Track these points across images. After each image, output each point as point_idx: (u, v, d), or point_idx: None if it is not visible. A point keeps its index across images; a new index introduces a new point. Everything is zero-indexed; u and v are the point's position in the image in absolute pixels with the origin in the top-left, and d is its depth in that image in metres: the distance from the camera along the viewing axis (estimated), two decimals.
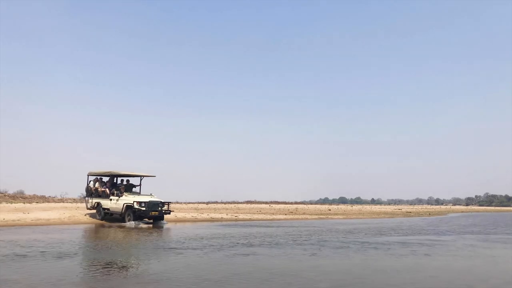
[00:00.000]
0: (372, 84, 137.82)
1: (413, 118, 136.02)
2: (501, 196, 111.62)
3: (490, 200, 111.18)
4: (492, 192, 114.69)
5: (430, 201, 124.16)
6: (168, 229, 15.21)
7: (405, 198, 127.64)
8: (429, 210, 52.44)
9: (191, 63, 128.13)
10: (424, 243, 10.89)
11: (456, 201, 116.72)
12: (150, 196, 17.80)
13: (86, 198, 19.59)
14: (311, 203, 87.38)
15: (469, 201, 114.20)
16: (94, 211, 18.63)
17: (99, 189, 18.79)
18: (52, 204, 35.90)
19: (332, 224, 19.51)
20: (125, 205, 16.95)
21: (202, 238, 11.20)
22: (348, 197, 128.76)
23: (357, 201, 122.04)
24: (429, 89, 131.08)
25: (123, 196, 17.42)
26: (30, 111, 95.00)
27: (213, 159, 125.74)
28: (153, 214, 17.02)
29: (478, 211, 55.96)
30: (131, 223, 16.27)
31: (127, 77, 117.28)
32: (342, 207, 58.68)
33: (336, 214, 33.05)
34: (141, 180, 19.02)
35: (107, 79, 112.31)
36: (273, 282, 5.67)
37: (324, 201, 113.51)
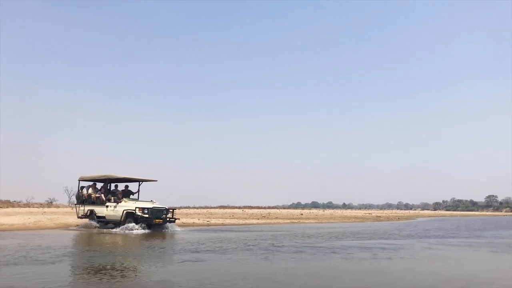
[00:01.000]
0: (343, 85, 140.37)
1: (385, 124, 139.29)
2: (466, 201, 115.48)
3: (456, 205, 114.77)
4: (458, 197, 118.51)
5: (399, 206, 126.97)
6: (143, 234, 14.72)
7: (375, 203, 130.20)
8: (398, 214, 53.55)
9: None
10: (387, 247, 11.01)
11: (424, 206, 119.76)
12: (152, 203, 16.37)
13: (77, 205, 17.84)
14: (284, 207, 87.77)
15: (436, 206, 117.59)
16: (86, 220, 17.05)
17: (92, 195, 17.25)
18: (17, 209, 34.74)
19: (303, 229, 19.55)
20: (125, 212, 15.56)
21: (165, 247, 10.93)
22: (320, 201, 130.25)
23: (329, 205, 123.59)
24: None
25: (122, 202, 16.13)
26: None
27: (187, 165, 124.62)
28: (157, 222, 15.63)
29: (444, 216, 57.60)
30: (133, 226, 14.97)
31: None
32: (314, 211, 59.20)
33: (308, 218, 33.22)
34: (139, 185, 17.73)
35: None
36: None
37: (297, 206, 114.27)
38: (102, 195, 16.87)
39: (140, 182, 17.57)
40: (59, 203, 51.64)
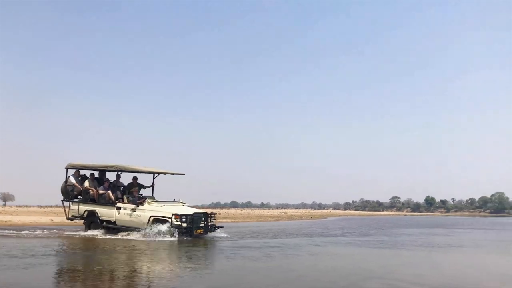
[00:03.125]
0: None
1: (297, 126, 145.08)
2: (373, 201, 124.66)
3: (364, 205, 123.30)
4: (366, 198, 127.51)
5: (313, 206, 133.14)
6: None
7: (291, 203, 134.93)
8: (311, 213, 56.02)
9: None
10: (282, 246, 11.36)
11: (336, 206, 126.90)
12: (179, 204, 12.82)
13: (64, 202, 13.58)
14: (203, 207, 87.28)
15: (346, 206, 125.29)
16: (79, 222, 13.33)
17: (90, 190, 13.01)
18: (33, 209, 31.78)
19: None
20: (152, 218, 11.76)
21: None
22: (240, 201, 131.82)
23: (248, 205, 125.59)
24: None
25: (146, 204, 12.15)
26: None
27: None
28: (198, 232, 11.99)
29: (353, 215, 61.33)
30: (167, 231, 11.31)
31: None
32: (232, 211, 59.70)
33: (225, 217, 33.29)
34: (154, 178, 13.66)
35: None
36: None
37: (216, 205, 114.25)
38: (110, 192, 12.77)
39: (155, 175, 13.52)
40: None
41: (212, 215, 12.88)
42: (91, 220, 12.79)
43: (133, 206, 12.18)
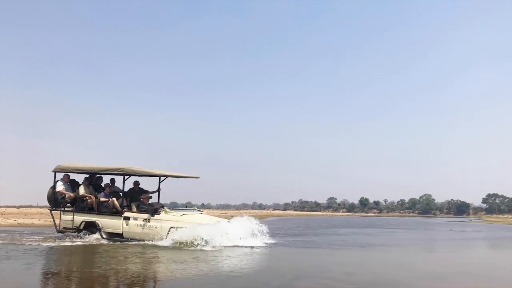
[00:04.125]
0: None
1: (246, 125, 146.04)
2: (311, 202, 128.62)
3: (303, 205, 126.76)
4: (305, 199, 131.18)
5: (254, 206, 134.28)
6: None
7: (232, 203, 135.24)
8: (252, 214, 56.57)
9: None
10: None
11: (276, 206, 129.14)
12: (197, 212, 11.94)
13: (53, 211, 11.91)
14: None
15: (286, 206, 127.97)
16: (71, 234, 11.42)
17: (87, 198, 11.41)
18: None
19: None
20: (172, 229, 10.46)
21: None
22: (180, 201, 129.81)
23: (188, 206, 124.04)
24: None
25: (162, 213, 10.81)
26: None
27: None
28: None
29: (292, 216, 62.82)
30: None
31: None
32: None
33: None
34: (159, 183, 12.49)
35: None
36: None
37: None
38: (114, 199, 11.37)
39: (161, 179, 12.42)
40: None
41: None
42: (91, 232, 11.18)
43: (145, 216, 10.83)
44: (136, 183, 12.23)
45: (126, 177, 11.98)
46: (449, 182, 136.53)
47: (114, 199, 11.38)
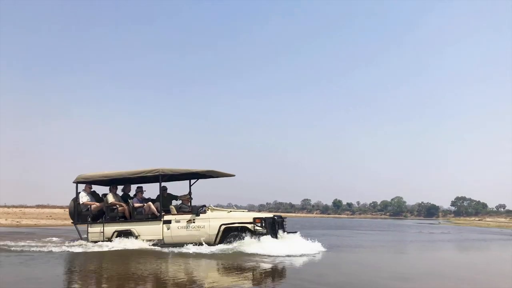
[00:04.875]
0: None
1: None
2: (286, 203, 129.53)
3: (278, 207, 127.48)
4: (279, 200, 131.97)
5: (228, 208, 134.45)
6: None
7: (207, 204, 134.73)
8: None
9: None
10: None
11: (251, 208, 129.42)
12: (239, 210, 11.85)
13: (77, 225, 11.19)
14: None
15: (261, 208, 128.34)
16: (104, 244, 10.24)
17: (118, 206, 10.79)
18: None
19: None
20: (223, 227, 10.13)
21: None
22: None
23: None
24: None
25: (208, 212, 10.43)
26: None
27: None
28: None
29: None
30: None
31: None
32: None
33: None
34: (190, 185, 12.11)
35: None
36: None
37: None
38: (150, 203, 10.72)
39: (192, 182, 12.01)
40: None
41: (284, 219, 11.66)
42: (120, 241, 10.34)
43: (188, 216, 10.34)
44: (164, 189, 11.50)
45: (163, 178, 11.11)
46: (419, 185, 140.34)
47: (150, 203, 10.73)
